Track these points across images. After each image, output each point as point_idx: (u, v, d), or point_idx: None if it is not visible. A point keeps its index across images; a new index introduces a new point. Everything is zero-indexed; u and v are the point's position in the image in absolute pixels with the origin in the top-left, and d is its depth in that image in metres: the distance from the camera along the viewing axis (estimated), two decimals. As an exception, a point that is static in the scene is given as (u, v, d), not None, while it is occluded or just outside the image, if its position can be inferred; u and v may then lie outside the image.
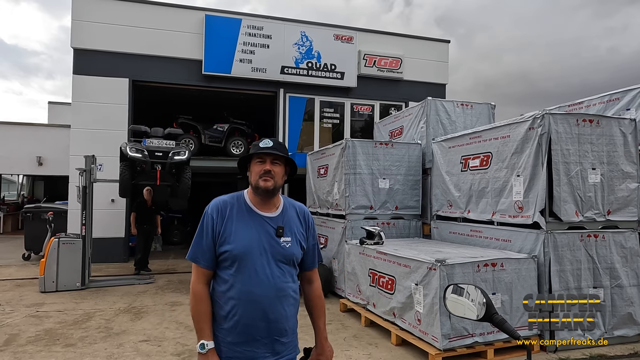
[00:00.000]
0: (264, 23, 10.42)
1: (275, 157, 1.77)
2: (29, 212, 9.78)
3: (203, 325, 1.69)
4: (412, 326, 4.44)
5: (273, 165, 1.76)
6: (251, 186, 1.80)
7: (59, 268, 6.83)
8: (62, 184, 14.25)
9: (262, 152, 1.76)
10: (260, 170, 1.75)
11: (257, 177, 1.75)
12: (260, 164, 1.76)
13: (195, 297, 1.72)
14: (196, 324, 1.71)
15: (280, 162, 1.79)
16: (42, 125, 15.31)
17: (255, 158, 1.78)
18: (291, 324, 1.77)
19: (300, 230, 1.85)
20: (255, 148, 1.79)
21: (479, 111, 7.25)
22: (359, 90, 11.22)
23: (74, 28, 9.45)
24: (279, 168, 1.78)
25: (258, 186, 1.75)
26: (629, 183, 4.67)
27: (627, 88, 5.26)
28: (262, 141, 1.80)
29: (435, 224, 6.37)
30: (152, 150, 6.97)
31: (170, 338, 4.71)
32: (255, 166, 1.77)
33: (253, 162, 1.79)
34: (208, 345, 1.65)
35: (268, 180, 1.74)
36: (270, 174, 1.74)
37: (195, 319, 1.71)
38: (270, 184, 1.74)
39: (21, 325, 5.06)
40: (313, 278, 1.95)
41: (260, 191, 1.76)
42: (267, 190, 1.75)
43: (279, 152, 1.77)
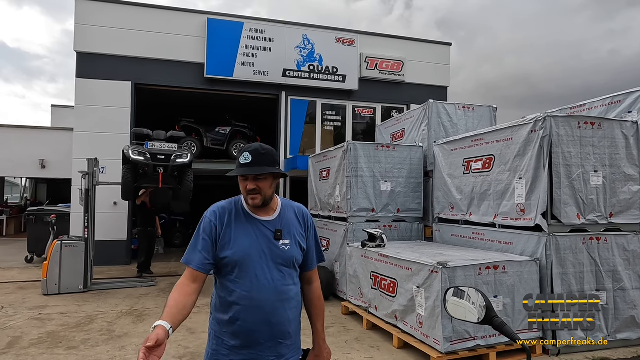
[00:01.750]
0: (265, 26, 10.46)
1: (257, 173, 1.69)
2: (32, 215, 9.83)
3: (164, 309, 1.59)
4: (413, 329, 4.43)
5: (257, 182, 1.69)
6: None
7: (61, 271, 6.85)
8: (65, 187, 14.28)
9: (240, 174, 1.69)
10: (245, 187, 1.71)
11: (245, 194, 1.72)
12: (244, 182, 1.71)
13: (174, 287, 1.68)
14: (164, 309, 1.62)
15: (265, 176, 1.70)
16: (46, 129, 15.38)
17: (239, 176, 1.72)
18: (294, 327, 1.77)
19: (299, 231, 1.83)
20: (236, 165, 1.71)
21: (480, 114, 7.25)
22: (360, 93, 11.25)
23: (77, 32, 9.51)
24: (263, 182, 1.70)
25: (247, 203, 1.74)
26: (632, 186, 4.66)
27: (629, 91, 5.24)
28: (242, 155, 1.70)
29: (437, 226, 6.36)
30: (154, 153, 6.99)
31: (172, 340, 4.72)
32: (241, 183, 1.72)
33: (239, 178, 1.73)
34: (156, 322, 1.50)
35: (255, 198, 1.70)
36: (255, 192, 1.69)
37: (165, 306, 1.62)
38: (258, 201, 1.71)
39: (24, 328, 5.08)
40: (312, 278, 1.93)
41: (250, 207, 1.75)
42: (256, 207, 1.74)
43: (258, 167, 1.68)
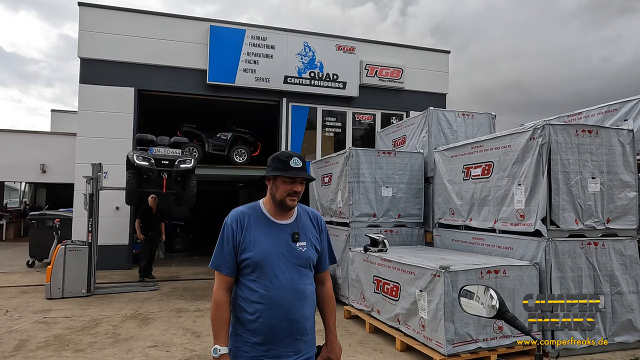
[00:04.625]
0: (267, 34, 10.60)
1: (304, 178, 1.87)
2: (33, 220, 9.86)
3: (220, 330, 1.77)
4: (416, 332, 4.52)
5: (301, 185, 1.88)
6: (274, 199, 1.87)
7: (65, 275, 6.89)
8: (65, 192, 14.32)
9: (297, 176, 1.83)
10: (289, 189, 1.84)
11: (285, 195, 1.84)
12: (290, 184, 1.84)
13: (217, 304, 1.80)
14: (214, 329, 1.78)
15: (303, 181, 1.90)
16: (46, 133, 15.42)
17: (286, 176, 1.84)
18: (310, 324, 1.88)
19: (314, 234, 1.96)
20: (283, 164, 1.84)
21: (479, 121, 7.38)
22: (360, 99, 11.38)
23: (81, 38, 9.62)
24: (302, 187, 1.89)
25: (285, 203, 1.85)
26: (628, 192, 4.77)
27: (625, 99, 5.39)
28: (292, 160, 1.84)
29: (437, 231, 6.46)
30: (158, 158, 7.09)
31: (178, 344, 4.78)
32: (283, 184, 1.84)
33: (281, 179, 1.84)
34: (221, 350, 1.73)
35: (295, 199, 1.87)
36: (297, 194, 1.86)
37: (214, 324, 1.79)
38: (296, 203, 1.89)
39: (30, 331, 5.12)
40: (325, 279, 2.05)
41: (285, 207, 1.87)
42: (291, 207, 1.88)
43: (309, 175, 1.89)
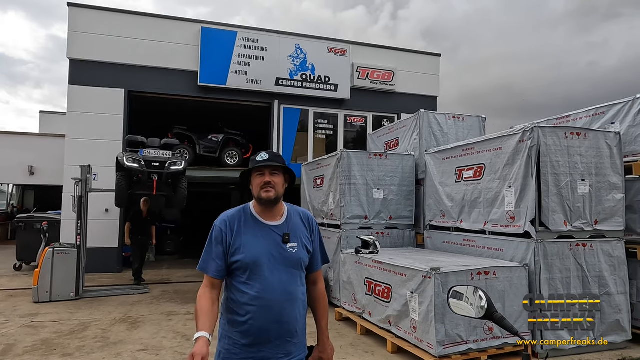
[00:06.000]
0: (259, 35, 10.59)
1: (274, 168, 1.87)
2: (21, 222, 9.72)
3: (200, 318, 1.73)
4: (407, 334, 4.52)
5: (272, 177, 1.86)
6: (256, 198, 1.90)
7: (53, 278, 6.80)
8: (53, 194, 14.10)
9: (260, 166, 1.86)
10: (260, 182, 1.86)
11: (259, 189, 1.86)
12: (260, 177, 1.87)
13: (198, 297, 1.82)
14: (196, 318, 1.75)
15: (278, 172, 1.89)
16: (35, 135, 15.24)
17: (254, 171, 1.89)
18: (301, 326, 1.87)
19: (305, 234, 1.95)
20: (253, 162, 1.89)
21: (470, 123, 7.44)
22: (352, 102, 11.41)
23: (70, 39, 9.52)
24: (278, 178, 1.88)
25: (261, 197, 1.86)
26: (616, 194, 4.84)
27: (612, 103, 5.46)
28: (259, 155, 1.91)
29: (428, 233, 6.49)
30: (149, 160, 7.02)
31: (168, 347, 4.73)
32: (255, 179, 1.89)
33: (253, 176, 1.90)
34: (197, 334, 1.66)
35: (269, 191, 1.85)
36: (270, 185, 1.85)
37: (196, 315, 1.76)
38: (272, 194, 1.85)
39: (17, 336, 5.04)
40: (318, 279, 2.05)
41: (263, 202, 1.87)
42: (269, 200, 1.86)
43: (276, 163, 1.88)
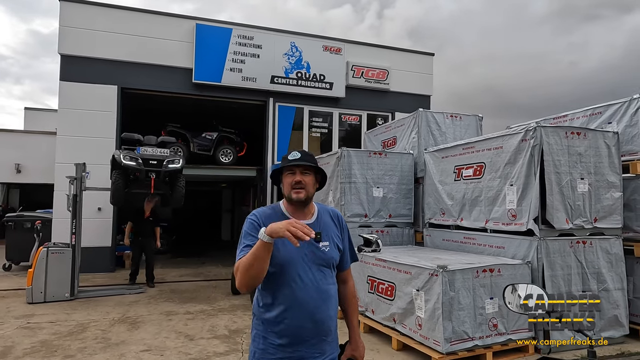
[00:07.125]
0: (254, 33, 10.51)
1: (305, 167, 1.85)
2: (10, 222, 9.48)
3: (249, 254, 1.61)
4: (412, 331, 4.56)
5: (303, 176, 1.84)
6: (285, 197, 1.89)
7: (47, 278, 6.66)
8: (40, 192, 13.82)
9: (292, 165, 1.84)
10: (291, 181, 1.84)
11: (290, 189, 1.84)
12: (291, 175, 1.85)
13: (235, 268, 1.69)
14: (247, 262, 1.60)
15: (310, 172, 1.87)
16: (21, 132, 14.88)
17: (285, 170, 1.87)
18: (334, 323, 1.87)
19: (336, 233, 1.95)
20: (285, 161, 1.87)
21: (467, 122, 7.51)
22: (347, 100, 11.42)
23: (62, 34, 9.31)
24: (309, 178, 1.86)
25: (291, 197, 1.84)
26: (614, 192, 4.95)
27: (609, 103, 5.57)
28: (291, 153, 1.88)
29: (427, 231, 6.53)
30: (146, 158, 6.92)
31: (172, 347, 4.68)
32: (286, 178, 1.86)
33: (284, 175, 1.87)
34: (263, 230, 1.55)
35: (300, 191, 1.83)
36: (301, 184, 1.83)
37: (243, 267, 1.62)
38: (303, 195, 1.83)
39: (14, 337, 4.92)
40: (347, 278, 2.04)
41: (294, 202, 1.85)
42: (300, 201, 1.84)
43: (307, 162, 1.85)
